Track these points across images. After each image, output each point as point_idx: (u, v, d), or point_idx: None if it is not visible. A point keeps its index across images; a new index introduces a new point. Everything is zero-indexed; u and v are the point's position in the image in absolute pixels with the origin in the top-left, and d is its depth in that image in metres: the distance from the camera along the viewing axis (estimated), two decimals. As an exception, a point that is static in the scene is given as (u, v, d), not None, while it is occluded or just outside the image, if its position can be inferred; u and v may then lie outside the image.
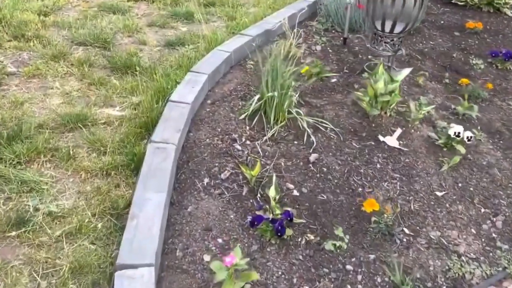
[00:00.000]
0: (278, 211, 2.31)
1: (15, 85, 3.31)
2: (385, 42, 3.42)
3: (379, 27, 3.37)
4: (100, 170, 2.59)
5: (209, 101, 3.28)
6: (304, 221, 2.35)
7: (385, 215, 2.34)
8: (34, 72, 3.46)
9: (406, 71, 3.13)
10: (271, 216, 2.25)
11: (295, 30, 4.07)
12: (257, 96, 3.10)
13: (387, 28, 3.33)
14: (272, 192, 2.39)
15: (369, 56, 4.01)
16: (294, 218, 2.29)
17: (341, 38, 4.34)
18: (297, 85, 3.26)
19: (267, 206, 2.39)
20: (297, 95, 3.15)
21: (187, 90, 3.19)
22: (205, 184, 2.57)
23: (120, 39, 4.13)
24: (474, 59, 4.15)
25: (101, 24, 4.27)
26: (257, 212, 2.31)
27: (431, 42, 4.41)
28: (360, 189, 2.61)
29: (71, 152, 2.69)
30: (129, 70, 3.57)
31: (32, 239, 2.18)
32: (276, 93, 2.96)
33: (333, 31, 4.52)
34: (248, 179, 2.56)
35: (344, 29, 4.22)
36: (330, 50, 4.14)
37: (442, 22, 4.88)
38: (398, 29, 3.32)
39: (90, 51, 3.84)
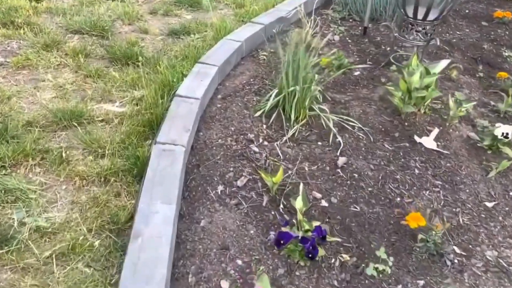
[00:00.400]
0: (307, 226, 1.96)
1: (2, 77, 2.95)
2: (416, 31, 3.06)
3: (410, 14, 3.01)
4: (98, 176, 2.23)
5: (219, 96, 2.92)
6: (339, 239, 2.00)
7: (434, 232, 1.99)
8: (24, 63, 3.09)
9: (444, 63, 2.77)
10: (300, 233, 1.90)
11: (312, 18, 3.69)
12: (275, 91, 2.75)
13: (420, 15, 2.96)
14: (299, 204, 2.04)
15: (395, 47, 3.65)
16: (327, 236, 1.94)
17: (360, 28, 3.98)
18: (317, 79, 2.90)
19: (293, 220, 2.04)
20: (318, 89, 2.79)
21: (195, 83, 2.83)
22: (219, 192, 2.21)
23: (119, 27, 3.75)
24: (506, 51, 3.80)
25: (99, 11, 3.89)
26: (283, 229, 1.96)
27: (458, 32, 4.05)
28: (398, 198, 2.26)
29: (63, 155, 2.33)
30: (130, 61, 3.20)
31: (16, 261, 1.82)
32: (297, 87, 2.61)
33: (351, 20, 4.16)
34: (269, 187, 2.21)
35: (364, 17, 3.85)
36: (349, 41, 3.78)
37: (467, 11, 4.52)
38: (432, 15, 2.96)
39: (86, 40, 3.47)
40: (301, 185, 2.11)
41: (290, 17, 3.86)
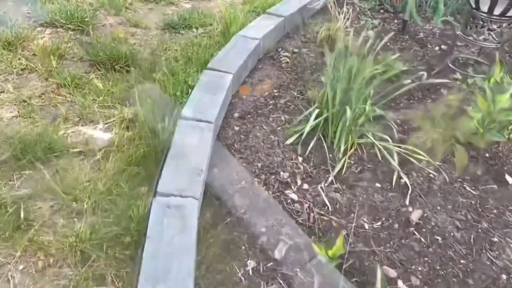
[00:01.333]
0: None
1: None
2: (489, 29, 2.37)
3: (484, 8, 2.31)
4: (71, 250, 1.51)
5: (236, 114, 2.23)
6: None
7: None
8: (-23, 67, 2.35)
9: (538, 75, 2.09)
10: None
11: (344, 9, 2.99)
12: (315, 111, 2.05)
13: (498, 10, 2.27)
14: (376, 298, 1.36)
15: (442, 46, 2.97)
16: None
17: (396, 21, 3.30)
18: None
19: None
20: (374, 110, 2.10)
21: (206, 99, 2.12)
22: (251, 271, 1.52)
23: (103, 19, 3.01)
24: None
25: (77, -3, 3.14)
26: None
27: None
28: (503, 276, 1.59)
29: (22, 213, 1.61)
30: (117, 65, 2.47)
31: None
32: (348, 109, 1.91)
33: (382, 11, 3.47)
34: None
35: (399, 9, 3.17)
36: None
37: None
38: (514, 11, 2.27)
39: (60, 35, 2.73)
40: (379, 271, 1.41)
41: (315, 7, 3.15)
